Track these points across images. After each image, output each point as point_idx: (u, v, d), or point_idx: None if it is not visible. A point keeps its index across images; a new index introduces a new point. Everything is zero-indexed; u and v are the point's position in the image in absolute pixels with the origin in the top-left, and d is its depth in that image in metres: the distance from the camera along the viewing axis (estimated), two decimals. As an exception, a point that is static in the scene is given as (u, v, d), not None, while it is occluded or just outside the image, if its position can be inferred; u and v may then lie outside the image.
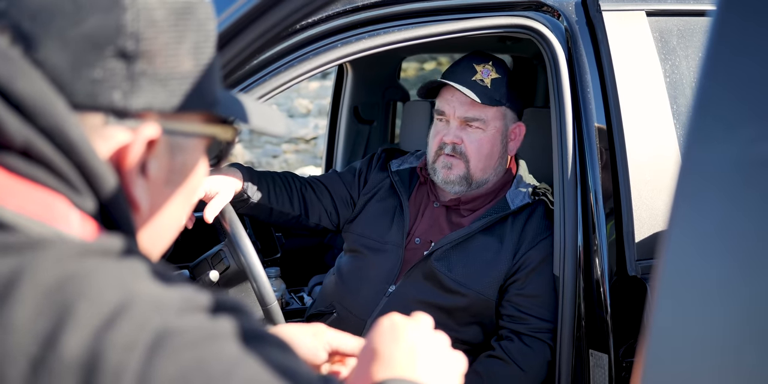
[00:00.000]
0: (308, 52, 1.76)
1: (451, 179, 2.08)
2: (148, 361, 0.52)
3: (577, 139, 1.92)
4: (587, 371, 1.90)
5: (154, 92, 0.66)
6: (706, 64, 0.58)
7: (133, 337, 0.53)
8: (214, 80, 0.73)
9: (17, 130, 0.60)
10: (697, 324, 0.59)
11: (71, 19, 0.63)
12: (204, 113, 0.73)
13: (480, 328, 2.04)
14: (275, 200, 2.12)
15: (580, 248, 1.90)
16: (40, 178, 0.62)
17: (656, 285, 0.58)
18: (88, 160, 0.63)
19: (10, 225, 0.59)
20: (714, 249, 0.58)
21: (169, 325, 0.55)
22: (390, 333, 0.87)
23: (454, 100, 2.07)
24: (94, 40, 0.63)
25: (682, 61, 1.98)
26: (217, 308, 0.59)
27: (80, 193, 0.64)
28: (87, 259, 0.57)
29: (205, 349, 0.55)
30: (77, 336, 0.52)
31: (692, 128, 0.59)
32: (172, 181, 0.72)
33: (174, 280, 0.60)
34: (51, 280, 0.54)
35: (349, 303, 2.11)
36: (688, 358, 0.58)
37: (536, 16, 1.95)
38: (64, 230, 0.62)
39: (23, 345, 0.51)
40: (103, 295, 0.54)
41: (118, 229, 0.67)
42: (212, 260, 1.91)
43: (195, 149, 0.73)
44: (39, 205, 0.62)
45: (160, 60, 0.66)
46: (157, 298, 0.56)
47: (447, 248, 2.03)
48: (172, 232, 0.77)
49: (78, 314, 0.53)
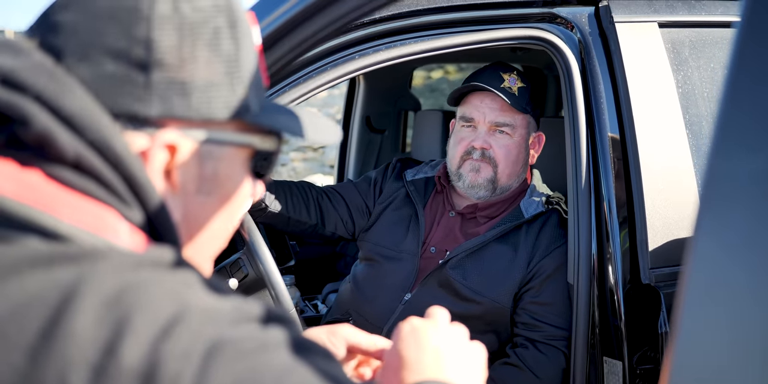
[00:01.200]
0: (326, 64, 1.79)
1: (479, 183, 2.11)
2: (204, 370, 0.54)
3: (590, 148, 1.94)
4: (601, 378, 1.91)
5: (173, 99, 0.68)
6: (728, 88, 0.61)
7: (188, 346, 0.55)
8: (248, 88, 0.73)
9: (69, 143, 0.63)
10: (723, 331, 0.61)
11: (90, 32, 0.66)
12: (238, 121, 0.73)
13: (495, 336, 2.06)
14: (292, 209, 2.15)
15: (593, 256, 1.92)
16: (91, 190, 0.64)
17: (683, 293, 0.61)
18: (135, 173, 0.66)
19: (66, 236, 0.61)
20: (738, 257, 0.61)
21: (223, 335, 0.57)
22: (412, 337, 0.88)
23: (484, 106, 2.10)
24: (111, 51, 0.66)
25: (693, 71, 2.00)
26: (266, 319, 0.61)
27: (128, 205, 0.66)
28: (142, 270, 0.59)
29: (258, 359, 0.57)
30: (136, 345, 0.54)
31: (715, 147, 0.61)
32: (204, 191, 0.73)
33: (224, 290, 0.62)
34: (110, 291, 0.56)
35: (365, 311, 2.13)
36: (715, 366, 0.60)
37: (550, 27, 1.98)
38: (113, 241, 0.64)
39: (85, 353, 0.53)
40: (159, 306, 0.56)
41: (163, 241, 0.69)
42: (231, 268, 1.93)
43: (230, 158, 0.74)
44: (91, 216, 0.64)
45: (177, 68, 0.68)
46: (210, 309, 0.58)
47: (462, 257, 2.05)
48: (217, 246, 0.79)
49: (136, 324, 0.55)
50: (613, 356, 1.89)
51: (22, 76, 0.63)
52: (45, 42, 0.67)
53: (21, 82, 0.63)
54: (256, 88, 0.76)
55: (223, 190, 0.75)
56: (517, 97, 2.09)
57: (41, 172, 0.63)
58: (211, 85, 0.70)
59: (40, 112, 0.62)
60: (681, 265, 1.88)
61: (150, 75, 0.66)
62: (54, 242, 0.60)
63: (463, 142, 2.13)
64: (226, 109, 0.71)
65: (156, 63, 0.67)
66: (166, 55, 0.67)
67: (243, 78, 0.73)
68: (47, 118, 0.62)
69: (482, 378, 0.91)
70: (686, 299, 0.60)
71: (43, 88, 0.63)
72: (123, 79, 0.66)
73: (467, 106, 2.15)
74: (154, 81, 0.67)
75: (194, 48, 0.69)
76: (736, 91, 0.62)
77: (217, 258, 2.07)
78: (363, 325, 2.12)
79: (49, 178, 0.63)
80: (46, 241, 0.60)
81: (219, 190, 0.75)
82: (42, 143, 0.63)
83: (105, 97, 0.65)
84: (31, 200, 0.62)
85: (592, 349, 1.93)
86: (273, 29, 1.40)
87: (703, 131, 1.97)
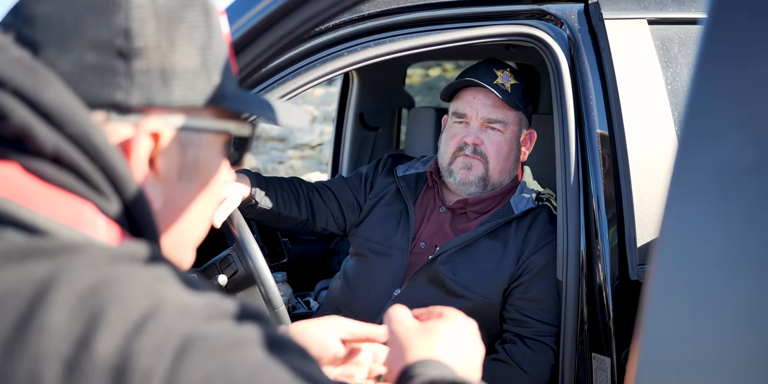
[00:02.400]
0: (315, 61, 1.79)
1: (470, 180, 2.12)
2: (176, 365, 0.54)
3: (579, 145, 1.95)
4: (590, 374, 1.92)
5: (153, 88, 0.68)
6: (696, 74, 0.61)
7: (161, 341, 0.55)
8: (223, 76, 0.75)
9: (47, 137, 0.63)
10: (688, 324, 0.61)
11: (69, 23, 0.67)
12: (214, 108, 0.74)
13: (484, 332, 2.07)
14: (283, 205, 2.15)
15: (582, 253, 1.92)
16: (69, 184, 0.65)
17: (648, 287, 0.61)
18: (114, 165, 0.66)
19: (44, 230, 0.62)
20: (704, 251, 0.61)
21: (196, 330, 0.57)
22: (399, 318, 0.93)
23: (477, 101, 2.11)
24: (92, 41, 0.67)
25: (683, 68, 2.00)
26: (240, 315, 0.61)
27: (107, 198, 0.67)
28: (117, 265, 0.59)
29: (230, 355, 0.57)
30: (108, 340, 0.54)
31: (683, 135, 0.61)
32: (186, 177, 0.74)
33: (198, 286, 0.63)
34: (84, 285, 0.56)
35: (355, 306, 2.13)
36: (680, 359, 0.61)
37: (539, 24, 1.98)
38: (91, 235, 0.65)
39: (58, 347, 0.53)
40: (133, 301, 0.57)
41: (141, 233, 0.70)
42: (221, 265, 1.94)
43: (209, 145, 0.75)
44: (69, 210, 0.64)
45: (156, 56, 0.69)
46: (184, 305, 0.59)
47: (452, 252, 2.06)
48: (198, 233, 0.79)
49: (109, 319, 0.55)
50: (602, 352, 1.89)
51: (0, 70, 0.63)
52: (21, 36, 0.67)
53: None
54: (229, 75, 0.77)
55: (202, 176, 0.76)
56: (509, 94, 2.09)
57: (19, 166, 0.64)
58: (189, 73, 0.71)
59: (18, 106, 0.63)
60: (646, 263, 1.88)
61: (131, 64, 0.67)
62: (31, 236, 0.61)
63: (456, 138, 2.14)
64: (204, 95, 0.72)
65: (136, 52, 0.67)
66: (145, 44, 0.68)
67: (218, 65, 0.74)
68: (25, 113, 0.63)
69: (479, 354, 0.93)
70: (652, 294, 0.61)
71: (21, 83, 0.63)
72: (105, 69, 0.66)
73: (460, 102, 2.15)
74: (135, 70, 0.67)
75: (171, 36, 0.70)
76: (700, 86, 0.63)
77: (206, 254, 2.08)
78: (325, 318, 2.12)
79: (26, 172, 0.64)
80: (23, 235, 0.60)
81: (199, 176, 0.75)
82: (20, 137, 0.63)
83: (86, 87, 0.66)
84: (9, 194, 0.62)
85: (581, 345, 1.93)
86: (252, 26, 1.40)
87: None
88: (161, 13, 0.69)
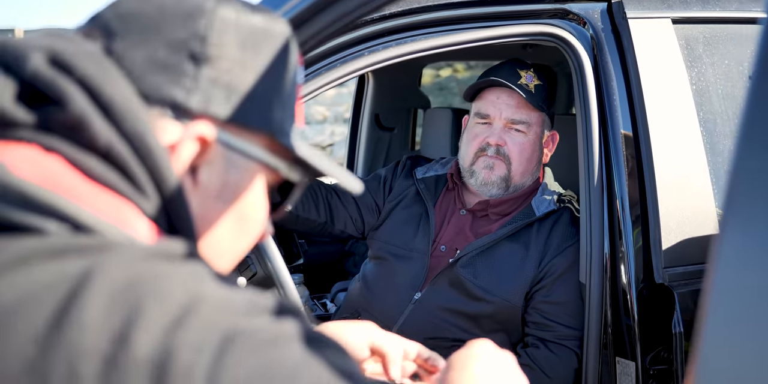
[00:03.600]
0: (335, 61, 1.77)
1: (492, 180, 2.09)
2: (218, 361, 0.53)
3: (603, 146, 1.92)
4: (614, 379, 1.89)
5: (215, 98, 0.69)
6: (757, 75, 0.59)
7: (202, 337, 0.54)
8: (286, 115, 0.76)
9: (102, 131, 0.63)
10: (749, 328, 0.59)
11: (154, 21, 0.68)
12: (269, 141, 0.75)
13: (506, 336, 2.04)
14: (301, 207, 2.14)
15: (606, 255, 1.90)
16: (113, 182, 0.64)
17: (708, 291, 0.59)
18: (161, 166, 0.66)
19: (88, 226, 0.61)
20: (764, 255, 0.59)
21: (236, 326, 0.56)
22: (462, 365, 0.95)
23: (501, 102, 2.09)
24: (170, 40, 0.68)
25: (708, 68, 1.97)
26: (278, 311, 0.61)
27: (147, 197, 0.66)
28: (154, 261, 0.58)
29: (271, 352, 0.56)
30: (148, 335, 0.53)
31: (743, 136, 0.59)
32: (224, 198, 0.73)
33: (234, 283, 0.62)
34: (120, 280, 0.55)
35: (375, 310, 2.11)
36: (743, 365, 0.58)
37: (562, 23, 1.96)
38: (132, 235, 0.64)
39: (96, 342, 0.52)
40: (171, 296, 0.56)
41: (177, 235, 0.69)
42: (239, 267, 1.92)
43: (252, 174, 0.74)
44: (112, 209, 0.64)
45: (226, 69, 0.70)
46: (223, 300, 0.58)
47: (473, 255, 2.03)
48: (228, 258, 0.78)
49: (147, 313, 0.54)
50: (626, 356, 1.87)
51: (71, 58, 0.64)
52: (107, 25, 0.69)
53: (68, 63, 0.64)
54: (291, 118, 0.78)
55: (242, 205, 0.75)
56: (533, 95, 2.07)
57: (63, 159, 0.63)
58: (254, 96, 0.72)
59: (80, 95, 0.63)
60: (695, 264, 1.86)
61: (200, 69, 0.68)
62: (74, 231, 0.60)
63: (478, 138, 2.11)
64: (261, 121, 0.73)
65: (208, 59, 0.69)
66: (219, 55, 0.69)
67: (283, 101, 0.75)
68: (85, 103, 0.63)
69: None
70: (711, 300, 0.58)
71: (91, 74, 0.64)
72: (173, 67, 0.67)
73: (483, 102, 2.13)
74: (202, 75, 0.68)
75: (246, 57, 0.71)
76: (762, 87, 0.60)
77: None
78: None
79: (71, 166, 0.63)
80: (65, 229, 0.59)
81: (238, 203, 0.75)
82: (74, 128, 0.63)
83: (150, 82, 0.67)
84: (54, 186, 0.61)
85: (605, 349, 1.90)
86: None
87: (717, 129, 1.95)
88: (243, 32, 0.72)
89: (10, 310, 0.53)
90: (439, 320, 2.01)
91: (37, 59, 0.63)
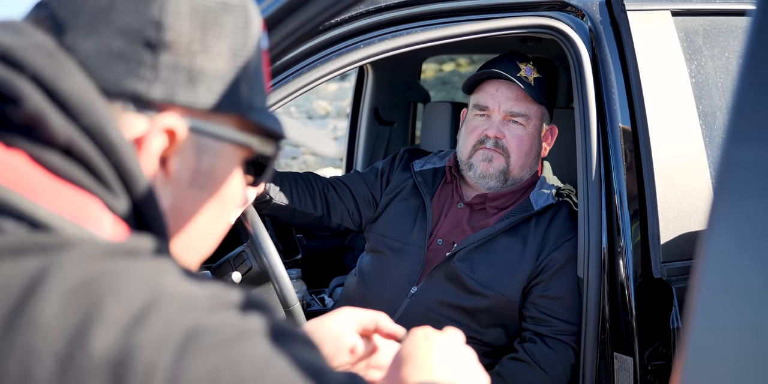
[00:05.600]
0: (331, 53, 1.76)
1: (490, 173, 2.08)
2: (179, 360, 0.52)
3: (601, 139, 1.91)
4: (612, 375, 1.88)
5: (177, 85, 0.66)
6: (745, 68, 0.57)
7: (163, 334, 0.52)
8: (254, 89, 0.73)
9: (61, 127, 0.61)
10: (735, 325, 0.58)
11: (103, 8, 0.65)
12: (239, 119, 0.72)
13: (503, 330, 2.03)
14: (297, 201, 2.12)
15: (604, 250, 1.89)
16: (77, 177, 0.62)
17: (695, 289, 0.57)
18: (126, 162, 0.64)
19: (45, 223, 0.59)
20: (754, 248, 0.57)
21: (199, 322, 0.54)
22: (423, 341, 0.90)
23: (500, 94, 2.07)
24: (123, 29, 0.65)
25: (707, 61, 1.96)
26: (245, 305, 0.59)
27: (115, 194, 0.64)
28: (114, 258, 0.57)
29: (236, 349, 0.54)
30: (106, 333, 0.51)
31: (731, 129, 0.58)
32: (198, 184, 0.71)
33: (200, 277, 0.60)
34: (77, 278, 0.54)
35: (371, 304, 2.10)
36: (729, 360, 0.57)
37: (560, 16, 1.94)
38: (95, 232, 0.62)
39: (50, 342, 0.50)
40: (132, 293, 0.54)
41: (147, 230, 0.67)
42: (234, 261, 1.91)
43: (227, 156, 0.72)
44: (74, 205, 0.62)
45: (186, 53, 0.67)
46: (186, 296, 0.56)
47: (470, 249, 2.02)
48: (207, 245, 0.76)
49: (106, 312, 0.52)
50: (624, 352, 1.85)
51: (20, 54, 0.61)
52: (53, 15, 0.65)
53: (19, 60, 0.61)
54: (260, 90, 0.75)
55: (217, 187, 0.73)
56: (533, 87, 2.05)
57: (25, 155, 0.61)
58: (217, 77, 0.68)
59: (35, 91, 0.61)
60: (694, 258, 1.84)
61: (158, 56, 0.65)
62: (31, 229, 0.58)
63: (477, 130, 2.10)
64: (229, 102, 0.70)
65: (165, 45, 0.65)
66: (177, 39, 0.66)
67: (249, 76, 0.72)
68: (41, 99, 0.61)
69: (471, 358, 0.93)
70: (699, 295, 0.57)
71: (41, 68, 0.61)
72: (129, 58, 0.64)
73: (482, 94, 2.11)
74: (161, 63, 0.65)
75: (205, 37, 0.68)
76: (753, 77, 0.59)
77: (220, 251, 2.07)
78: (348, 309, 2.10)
79: (33, 162, 0.61)
80: (22, 228, 0.58)
81: (213, 187, 0.73)
82: (32, 124, 0.61)
83: (108, 75, 0.64)
84: (12, 183, 0.60)
85: (602, 344, 1.89)
86: (265, 16, 1.37)
87: (717, 122, 1.93)
88: (198, 11, 0.68)
89: None
90: (435, 314, 2.00)
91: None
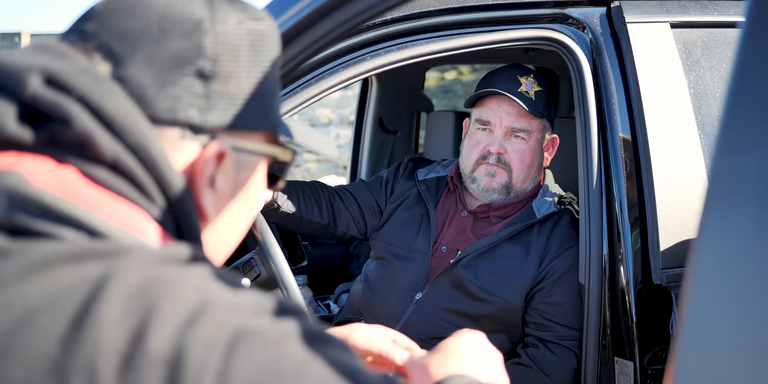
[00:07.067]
0: (338, 65, 1.80)
1: (494, 187, 2.11)
2: (228, 358, 0.56)
3: (602, 149, 1.94)
4: (612, 379, 1.91)
5: (226, 111, 0.72)
6: (734, 80, 0.61)
7: (213, 335, 0.57)
8: (277, 104, 0.80)
9: (108, 145, 0.66)
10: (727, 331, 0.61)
11: (156, 41, 0.70)
12: (266, 134, 0.79)
13: (506, 336, 2.07)
14: (305, 209, 2.16)
15: (605, 257, 1.92)
16: (124, 191, 0.67)
17: (687, 293, 0.61)
18: (166, 175, 0.69)
19: (101, 232, 0.64)
20: (743, 256, 0.61)
21: (245, 325, 0.59)
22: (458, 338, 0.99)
23: (501, 110, 2.10)
24: (176, 60, 0.70)
25: (706, 72, 1.99)
26: (284, 311, 0.64)
27: (157, 205, 0.70)
28: (166, 265, 0.62)
29: (279, 349, 0.59)
30: (162, 334, 0.56)
31: (721, 142, 0.61)
32: (235, 195, 0.78)
33: (240, 285, 0.65)
34: (136, 283, 0.58)
35: (377, 310, 2.14)
36: (720, 366, 0.60)
37: (561, 28, 1.98)
38: (143, 239, 0.68)
39: (113, 342, 0.55)
40: (184, 297, 0.59)
41: (184, 238, 0.72)
42: (243, 268, 1.95)
43: (257, 167, 0.79)
44: (124, 215, 0.67)
45: (234, 81, 0.73)
46: (232, 301, 0.61)
47: (473, 256, 2.05)
48: (233, 243, 0.83)
49: (162, 313, 0.57)
50: (625, 357, 1.89)
51: (67, 78, 0.66)
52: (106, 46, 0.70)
53: (66, 84, 0.66)
54: (279, 103, 0.82)
55: (247, 196, 0.80)
56: (534, 102, 2.08)
57: (77, 170, 0.66)
58: (257, 99, 0.75)
59: (83, 113, 0.65)
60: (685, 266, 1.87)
61: (210, 86, 0.71)
62: (89, 237, 0.63)
63: (479, 145, 2.13)
64: (266, 121, 0.77)
65: (215, 74, 0.71)
66: (224, 69, 0.72)
67: (275, 93, 0.79)
68: (89, 120, 0.65)
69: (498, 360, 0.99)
70: (690, 301, 0.60)
71: (88, 91, 0.66)
72: (184, 88, 0.70)
73: (484, 109, 2.14)
74: (212, 91, 0.71)
75: (246, 64, 0.74)
76: (742, 88, 0.63)
77: (229, 257, 2.10)
78: (374, 324, 2.13)
79: (83, 177, 0.66)
80: (81, 236, 0.63)
81: (245, 196, 0.80)
82: (81, 143, 0.66)
83: (161, 104, 0.69)
84: (67, 195, 0.64)
85: (604, 349, 1.92)
86: (284, 30, 1.41)
87: (715, 132, 1.96)
88: (244, 42, 0.74)
89: (36, 311, 0.56)
90: (439, 320, 2.03)
91: (34, 82, 0.65)
